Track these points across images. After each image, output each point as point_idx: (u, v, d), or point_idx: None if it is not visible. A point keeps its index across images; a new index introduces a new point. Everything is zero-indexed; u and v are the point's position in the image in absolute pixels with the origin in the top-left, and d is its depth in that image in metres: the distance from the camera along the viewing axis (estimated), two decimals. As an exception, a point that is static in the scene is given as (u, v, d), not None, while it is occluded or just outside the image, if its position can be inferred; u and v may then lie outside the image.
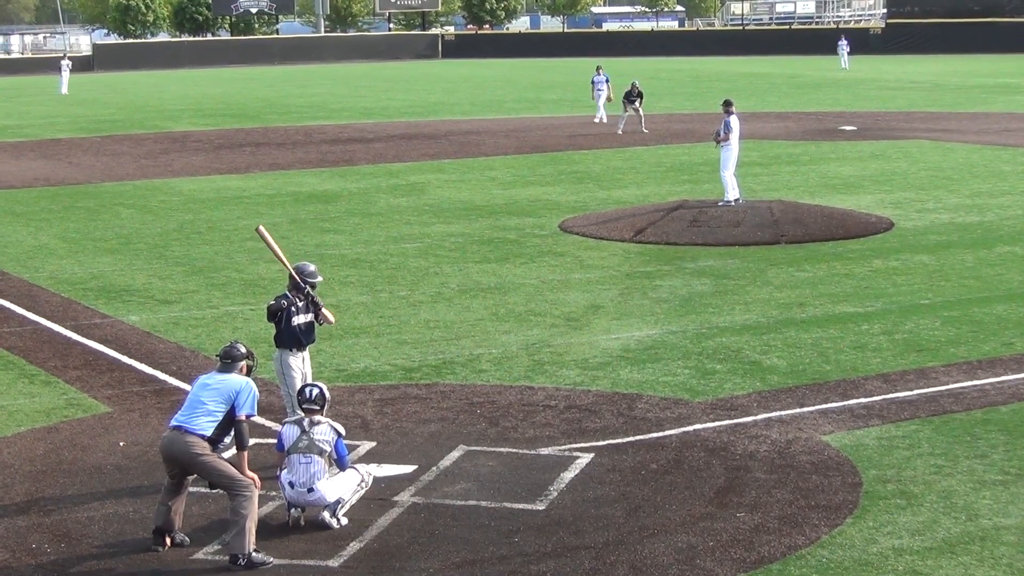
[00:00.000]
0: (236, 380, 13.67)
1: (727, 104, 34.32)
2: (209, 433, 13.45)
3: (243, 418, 13.55)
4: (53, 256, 29.93)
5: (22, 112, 73.51)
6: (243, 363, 13.87)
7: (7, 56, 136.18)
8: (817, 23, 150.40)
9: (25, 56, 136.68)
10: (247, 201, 37.70)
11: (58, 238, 32.25)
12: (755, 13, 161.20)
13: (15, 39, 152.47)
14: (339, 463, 14.20)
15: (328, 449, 14.04)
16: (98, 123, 64.93)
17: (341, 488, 14.11)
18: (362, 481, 14.40)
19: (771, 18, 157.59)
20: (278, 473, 14.35)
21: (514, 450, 16.24)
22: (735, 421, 17.22)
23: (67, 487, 15.31)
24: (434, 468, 15.65)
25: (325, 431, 14.12)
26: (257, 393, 13.76)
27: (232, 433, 13.65)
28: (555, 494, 14.72)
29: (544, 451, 16.20)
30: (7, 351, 21.70)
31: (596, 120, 58.50)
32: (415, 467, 15.68)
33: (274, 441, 14.89)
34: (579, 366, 20.02)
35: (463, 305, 24.24)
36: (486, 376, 19.61)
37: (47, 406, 18.65)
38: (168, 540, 13.61)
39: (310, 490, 13.95)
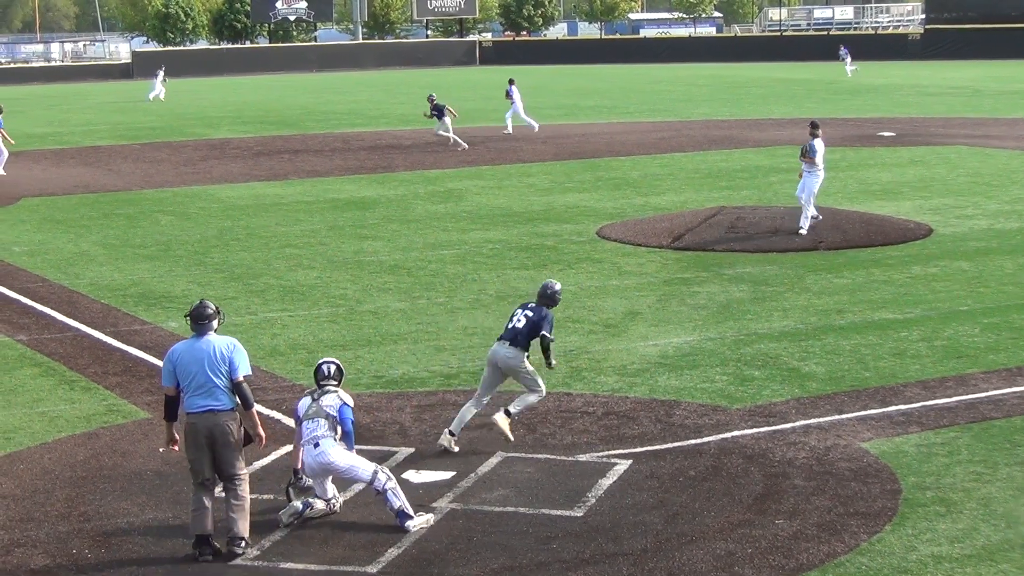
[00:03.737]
0: (222, 343, 14.02)
1: (813, 126, 31.88)
2: (232, 406, 13.92)
3: (242, 379, 13.93)
4: (93, 263, 30.07)
5: (62, 120, 73.82)
6: (216, 319, 14.17)
7: (48, 64, 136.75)
8: (855, 29, 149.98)
9: (65, 64, 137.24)
10: (285, 208, 37.80)
11: (98, 245, 32.40)
12: (793, 19, 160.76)
13: (55, 47, 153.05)
14: (342, 426, 14.51)
15: (333, 414, 14.49)
16: (138, 130, 65.18)
17: (348, 458, 14.42)
18: (379, 475, 14.29)
19: (809, 24, 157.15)
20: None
21: (552, 456, 16.25)
22: (773, 428, 17.20)
23: (107, 493, 15.39)
24: (472, 474, 15.67)
25: (332, 399, 14.62)
26: (243, 348, 14.17)
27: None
28: (593, 501, 14.73)
29: (582, 457, 16.21)
30: (48, 357, 21.83)
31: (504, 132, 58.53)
32: (453, 473, 15.72)
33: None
34: (617, 373, 20.02)
35: (501, 311, 24.22)
36: (524, 383, 19.60)
37: (87, 412, 18.75)
38: (215, 545, 13.70)
39: (316, 444, 14.35)
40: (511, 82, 59.47)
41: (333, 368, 14.96)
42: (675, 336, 22.13)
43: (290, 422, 17.76)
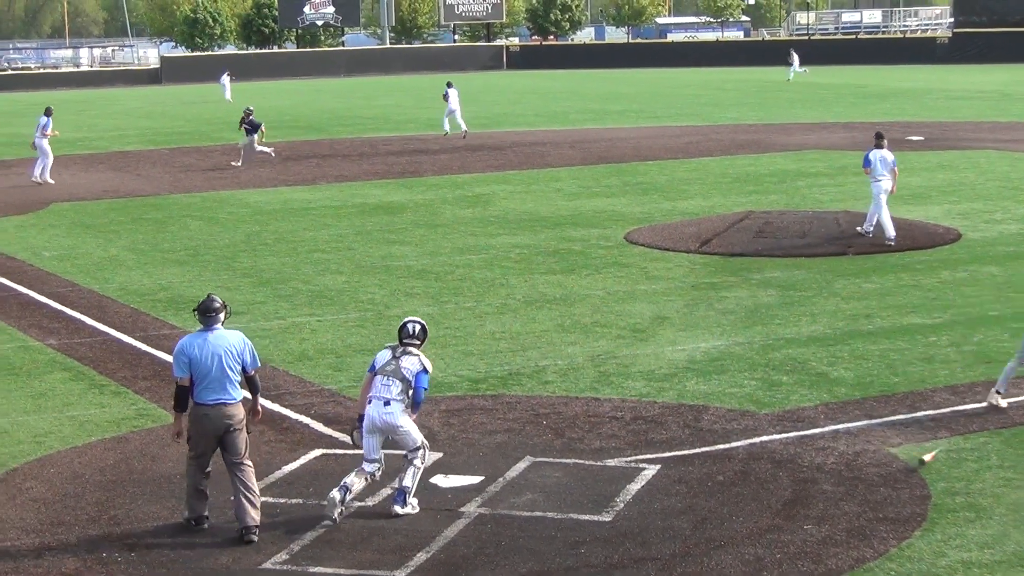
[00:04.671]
0: (235, 339, 14.55)
1: (878, 136, 30.89)
2: (240, 398, 14.48)
3: (254, 373, 14.59)
4: (122, 267, 30.18)
5: (91, 125, 74.09)
6: (223, 312, 14.64)
7: (77, 69, 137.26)
8: (884, 32, 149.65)
9: (94, 69, 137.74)
10: (314, 213, 37.88)
11: (127, 249, 32.52)
12: (821, 23, 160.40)
13: (84, 52, 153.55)
14: (415, 394, 14.64)
15: (410, 378, 14.58)
16: (166, 135, 65.41)
17: (410, 424, 14.69)
18: (423, 451, 14.75)
19: (837, 28, 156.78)
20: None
21: (580, 461, 16.26)
22: (802, 433, 17.18)
23: (137, 497, 15.44)
24: (500, 479, 15.68)
25: (412, 362, 14.68)
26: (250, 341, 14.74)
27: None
28: (621, 505, 14.73)
29: (610, 462, 16.22)
30: (78, 362, 21.92)
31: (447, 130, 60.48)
32: (481, 478, 15.73)
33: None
34: (645, 377, 20.02)
35: (529, 316, 24.28)
36: (552, 387, 19.63)
37: (117, 416, 18.82)
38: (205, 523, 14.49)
39: (386, 403, 14.51)
40: (449, 85, 61.10)
41: (418, 328, 15.03)
42: (703, 341, 22.12)
43: (318, 427, 17.88)
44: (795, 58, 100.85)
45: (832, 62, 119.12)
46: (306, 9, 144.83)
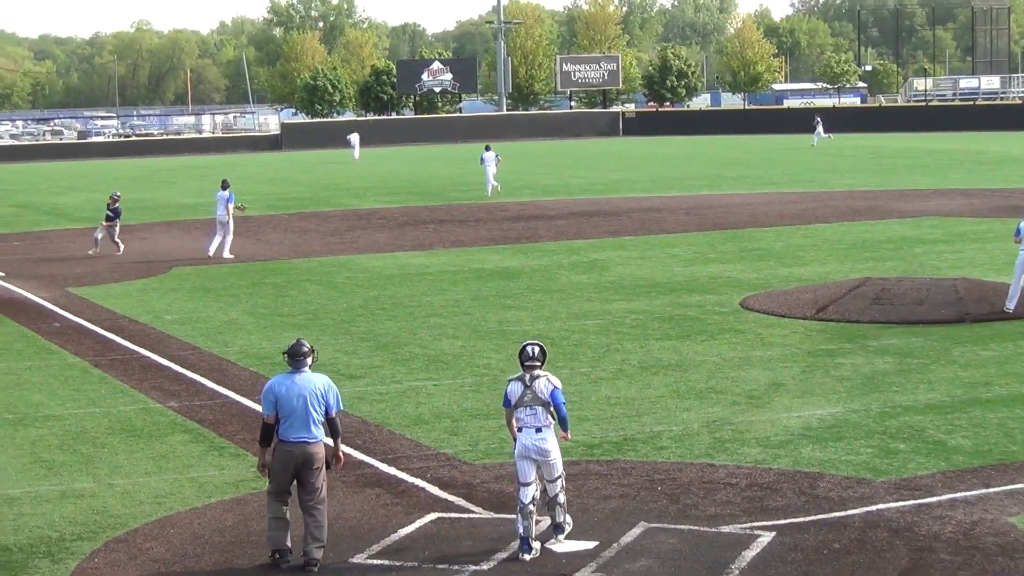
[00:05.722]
0: (320, 382, 15.48)
1: None
2: (321, 437, 15.42)
3: (335, 415, 15.51)
4: (242, 331, 30.56)
5: (213, 190, 74.86)
6: (311, 356, 15.55)
7: (199, 135, 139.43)
8: (1002, 99, 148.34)
9: (216, 135, 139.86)
10: (430, 277, 38.17)
11: (247, 313, 32.93)
12: (938, 89, 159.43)
13: (206, 119, 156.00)
14: (557, 411, 15.51)
15: (547, 399, 15.46)
16: (286, 201, 66.20)
17: (558, 451, 15.65)
18: (561, 480, 15.67)
19: (954, 94, 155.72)
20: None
21: (695, 527, 16.24)
22: (919, 501, 17.05)
23: (255, 558, 15.62)
24: (615, 544, 15.70)
25: (543, 384, 15.53)
26: (335, 386, 15.67)
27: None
28: (736, 573, 14.70)
29: (725, 529, 16.19)
30: (197, 424, 22.23)
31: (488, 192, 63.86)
32: (596, 543, 15.75)
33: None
34: (760, 444, 19.97)
35: (644, 382, 24.30)
36: (667, 453, 19.64)
37: (236, 478, 19.06)
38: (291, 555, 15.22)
39: (538, 430, 15.43)
40: (487, 148, 66.21)
41: (537, 349, 15.76)
42: (819, 408, 22.03)
43: (434, 490, 18.01)
44: (819, 124, 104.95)
45: (950, 128, 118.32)
46: (424, 76, 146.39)
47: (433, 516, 16.91)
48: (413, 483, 18.40)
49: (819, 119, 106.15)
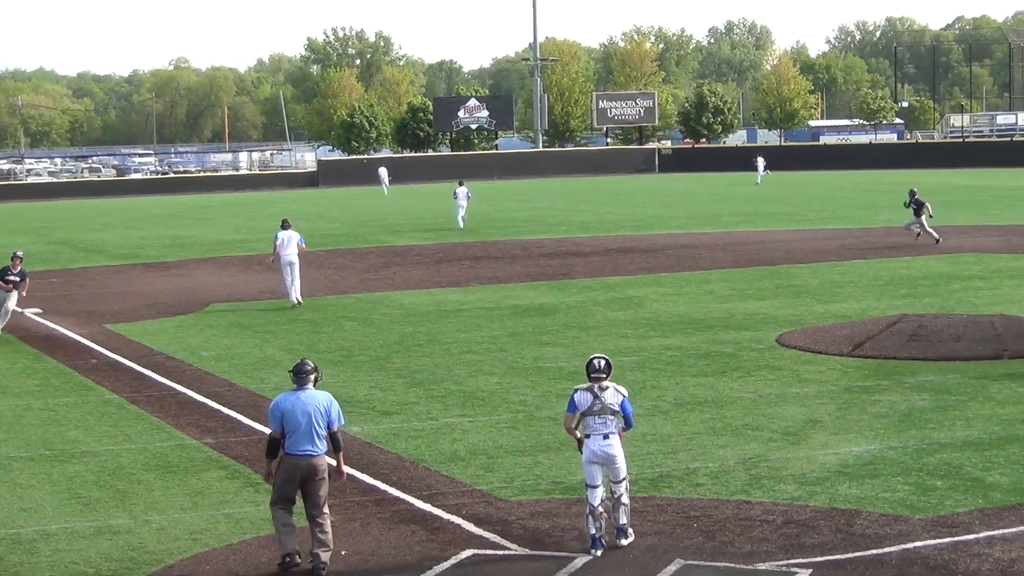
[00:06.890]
0: (323, 398, 16.55)
1: None
2: (325, 451, 16.52)
3: (336, 430, 16.58)
4: (278, 367, 30.58)
5: (249, 227, 75.52)
6: (315, 374, 16.62)
7: (236, 172, 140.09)
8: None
9: (253, 172, 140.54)
10: (466, 314, 38.21)
11: (283, 350, 32.98)
12: (975, 125, 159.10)
13: (243, 156, 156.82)
14: (626, 419, 16.72)
15: (618, 409, 16.61)
16: (323, 237, 66.37)
17: (623, 455, 16.75)
18: (626, 482, 16.78)
19: (992, 130, 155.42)
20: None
21: (731, 565, 16.19)
22: (956, 539, 16.96)
23: (291, 594, 15.65)
24: (651, 582, 15.67)
25: (613, 396, 16.65)
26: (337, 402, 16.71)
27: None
28: (772, 610, 14.65)
29: (762, 566, 16.13)
30: (233, 460, 22.27)
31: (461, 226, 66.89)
32: (632, 580, 15.73)
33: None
34: (797, 481, 19.90)
35: (680, 419, 24.26)
36: (703, 490, 19.59)
37: (271, 514, 19.05)
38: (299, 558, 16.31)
39: (605, 437, 16.52)
40: (460, 183, 70.90)
41: (603, 363, 16.77)
42: (856, 445, 21.94)
43: (470, 527, 18.00)
44: (760, 163, 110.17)
45: (987, 164, 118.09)
46: (460, 113, 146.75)
47: (468, 552, 16.90)
48: (448, 520, 18.40)
49: (760, 159, 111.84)
